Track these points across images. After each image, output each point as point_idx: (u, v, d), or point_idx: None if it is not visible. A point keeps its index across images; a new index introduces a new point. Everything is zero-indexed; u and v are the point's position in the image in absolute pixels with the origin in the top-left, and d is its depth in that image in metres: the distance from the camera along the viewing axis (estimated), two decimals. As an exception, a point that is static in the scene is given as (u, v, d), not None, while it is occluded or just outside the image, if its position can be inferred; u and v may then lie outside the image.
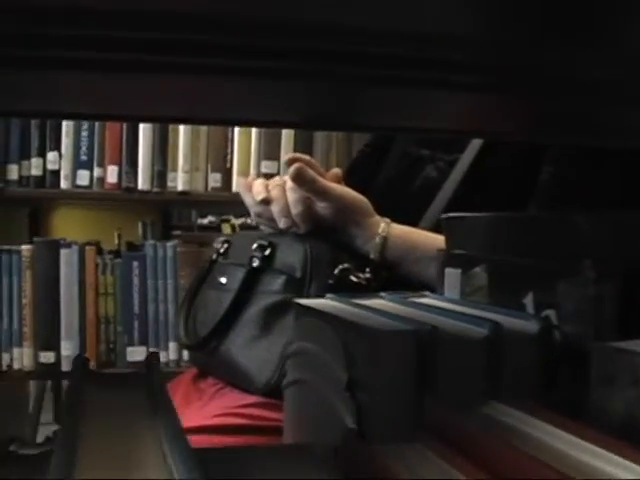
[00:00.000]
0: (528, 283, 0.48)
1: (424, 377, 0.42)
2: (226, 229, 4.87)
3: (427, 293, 0.57)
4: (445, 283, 0.56)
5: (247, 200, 0.98)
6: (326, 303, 0.55)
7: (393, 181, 1.17)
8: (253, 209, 0.98)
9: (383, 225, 0.93)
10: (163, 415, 0.33)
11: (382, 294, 0.58)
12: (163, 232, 2.81)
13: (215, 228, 5.00)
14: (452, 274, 0.55)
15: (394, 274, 0.93)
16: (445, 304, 0.52)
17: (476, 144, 1.05)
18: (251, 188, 0.97)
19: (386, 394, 0.42)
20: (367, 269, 0.91)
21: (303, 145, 2.06)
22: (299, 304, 0.54)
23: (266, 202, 0.93)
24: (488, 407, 0.36)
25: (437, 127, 0.62)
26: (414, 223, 0.99)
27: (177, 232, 3.16)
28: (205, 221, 5.07)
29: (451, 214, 0.59)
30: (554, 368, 0.43)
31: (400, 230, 0.94)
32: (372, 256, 0.92)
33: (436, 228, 1.00)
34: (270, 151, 2.07)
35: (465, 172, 1.04)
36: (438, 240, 0.94)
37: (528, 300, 0.47)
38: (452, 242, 0.57)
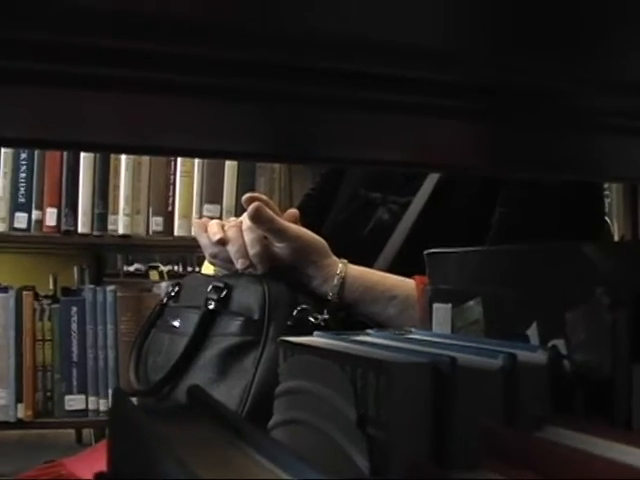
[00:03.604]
0: (531, 314, 0.49)
1: (442, 409, 0.41)
2: (154, 276, 4.83)
3: (412, 329, 0.58)
4: (433, 319, 0.56)
5: (202, 241, 0.97)
6: (317, 340, 0.54)
7: (343, 224, 1.18)
8: (209, 250, 0.96)
9: (341, 266, 0.93)
10: (251, 440, 0.33)
11: (369, 331, 0.58)
12: (97, 278, 2.76)
13: (142, 275, 4.94)
14: (441, 309, 0.55)
15: (352, 315, 0.93)
16: (441, 339, 0.53)
17: (429, 186, 1.07)
18: (207, 229, 0.96)
19: (404, 428, 0.41)
20: (325, 310, 0.90)
21: (245, 188, 2.05)
22: (288, 342, 0.54)
23: (222, 242, 0.93)
24: (542, 431, 0.36)
25: (394, 159, 0.60)
26: (367, 264, 0.99)
27: (106, 279, 3.11)
28: (132, 268, 5.01)
29: (436, 250, 0.60)
30: (568, 397, 0.44)
31: (358, 271, 0.94)
32: (330, 297, 0.92)
33: (391, 269, 1.01)
34: (212, 194, 2.06)
35: (419, 214, 1.05)
36: (395, 280, 0.95)
37: (532, 331, 0.48)
38: (438, 277, 0.58)
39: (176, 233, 2.02)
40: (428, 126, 0.46)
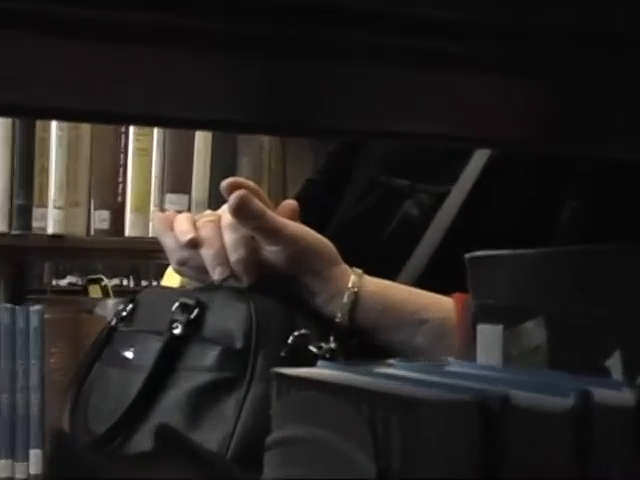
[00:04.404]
0: (613, 339, 0.50)
1: (490, 462, 0.43)
2: (95, 292, 4.81)
3: (450, 359, 0.59)
4: (478, 345, 0.58)
5: (166, 242, 0.98)
6: (322, 372, 0.55)
7: (357, 221, 1.18)
8: (175, 255, 0.97)
9: (354, 278, 0.94)
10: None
11: (391, 361, 0.60)
12: (17, 294, 2.76)
13: (79, 291, 4.93)
14: (489, 331, 0.56)
15: (367, 343, 0.94)
16: (489, 372, 0.54)
17: (473, 172, 1.07)
18: (172, 226, 0.97)
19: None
20: (331, 337, 0.92)
21: (222, 174, 2.04)
22: (284, 375, 0.55)
23: (194, 245, 0.93)
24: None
25: (425, 132, 0.61)
26: (388, 276, 1.01)
27: (29, 296, 3.11)
28: (64, 282, 4.99)
29: (479, 252, 0.61)
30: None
31: (376, 285, 0.96)
32: (338, 319, 0.93)
33: (421, 283, 1.02)
34: (177, 181, 2.07)
35: (459, 209, 1.06)
36: (427, 299, 0.96)
37: (614, 362, 0.49)
38: (484, 290, 0.59)
39: (127, 233, 2.03)
40: (466, 87, 0.47)
